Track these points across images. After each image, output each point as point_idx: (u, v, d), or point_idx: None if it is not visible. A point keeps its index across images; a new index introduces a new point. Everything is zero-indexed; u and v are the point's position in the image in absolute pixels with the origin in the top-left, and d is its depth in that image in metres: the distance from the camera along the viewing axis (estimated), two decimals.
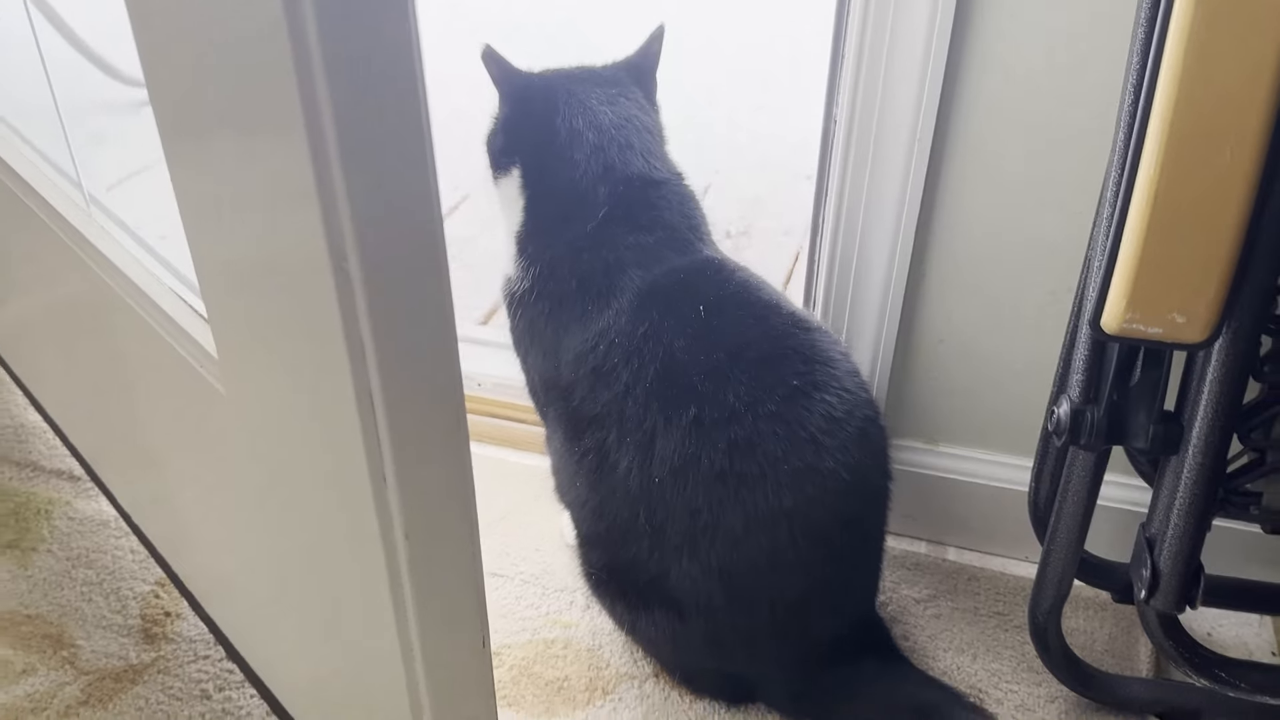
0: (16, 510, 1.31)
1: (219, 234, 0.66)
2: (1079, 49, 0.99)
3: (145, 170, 1.28)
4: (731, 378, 0.97)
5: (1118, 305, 0.78)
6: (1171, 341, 0.78)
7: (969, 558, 1.28)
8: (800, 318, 1.03)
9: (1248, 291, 0.77)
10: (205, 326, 0.76)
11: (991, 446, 1.23)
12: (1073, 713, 1.08)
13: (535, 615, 1.19)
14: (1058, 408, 0.90)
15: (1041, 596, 1.02)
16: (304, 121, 0.49)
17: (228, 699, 1.08)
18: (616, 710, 1.07)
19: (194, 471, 0.95)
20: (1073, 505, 0.96)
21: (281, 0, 0.46)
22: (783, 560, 0.97)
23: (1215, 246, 0.74)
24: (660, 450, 0.98)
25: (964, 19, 1.00)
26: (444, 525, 0.65)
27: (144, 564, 1.23)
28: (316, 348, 0.58)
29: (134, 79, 2.16)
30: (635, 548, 1.02)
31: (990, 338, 1.16)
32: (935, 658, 1.14)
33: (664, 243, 1.06)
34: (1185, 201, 0.73)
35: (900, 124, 1.05)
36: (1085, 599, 1.20)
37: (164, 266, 0.89)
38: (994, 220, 1.09)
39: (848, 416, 0.98)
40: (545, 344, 1.08)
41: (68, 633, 1.15)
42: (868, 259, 1.13)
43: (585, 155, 1.07)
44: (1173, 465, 0.88)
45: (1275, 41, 0.68)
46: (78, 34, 1.50)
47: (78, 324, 1.11)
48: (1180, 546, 0.89)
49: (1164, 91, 0.71)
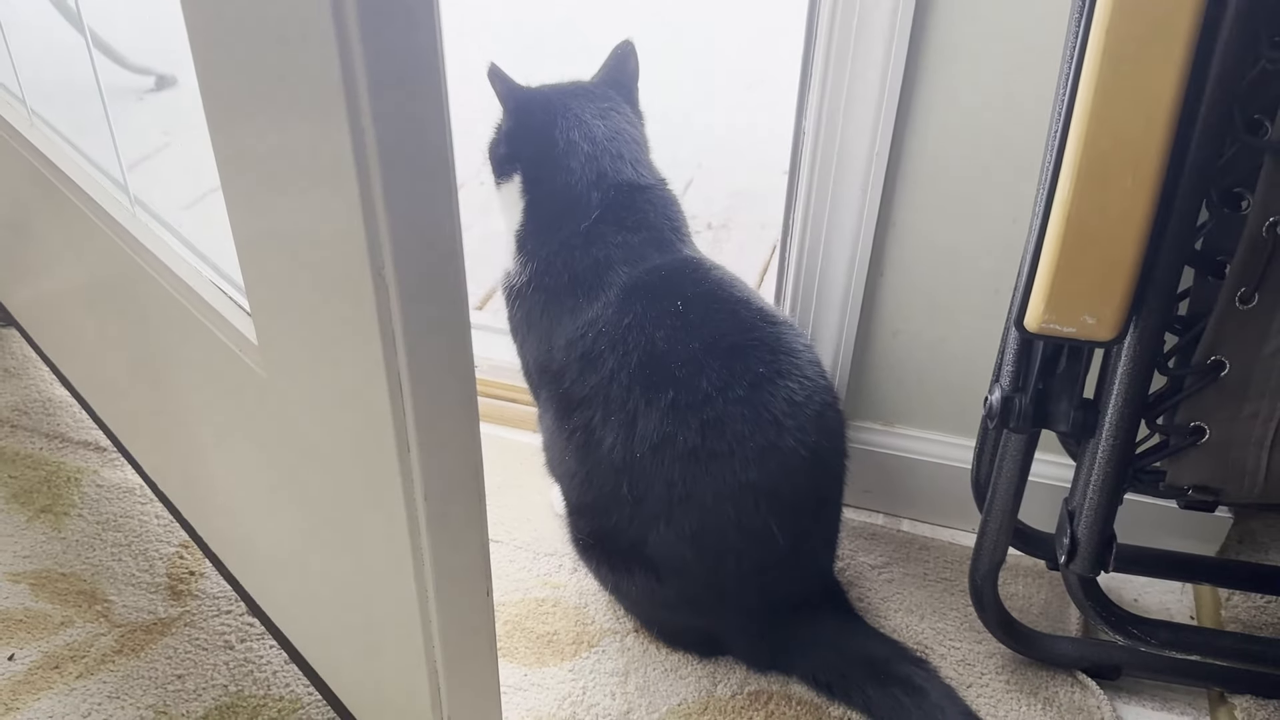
0: (48, 478, 1.42)
1: (263, 231, 0.76)
2: (1019, 81, 1.09)
3: (156, 154, 1.36)
4: (705, 365, 1.07)
5: (1037, 307, 0.89)
6: (1084, 339, 0.90)
7: (921, 529, 1.39)
8: (768, 313, 1.14)
9: (1151, 296, 0.88)
10: (245, 316, 0.87)
11: (941, 428, 1.34)
12: (1008, 668, 1.20)
13: (527, 576, 1.30)
14: (991, 395, 1.02)
15: (980, 561, 1.13)
16: (347, 118, 0.57)
17: (249, 649, 1.19)
18: (600, 661, 1.19)
19: (226, 444, 1.05)
20: (1006, 481, 1.07)
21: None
22: (748, 528, 1.08)
23: (1120, 258, 0.85)
24: (641, 429, 1.08)
25: (916, 53, 1.10)
26: (457, 488, 0.76)
27: (168, 528, 1.34)
28: (352, 334, 0.68)
29: (140, 67, 2.22)
30: (618, 515, 1.13)
31: (940, 330, 1.27)
32: (886, 617, 1.26)
33: (648, 242, 1.17)
34: (1094, 219, 0.84)
35: (860, 139, 1.15)
36: (1024, 567, 1.32)
37: (189, 248, 1.00)
38: (945, 225, 1.20)
39: (807, 401, 1.09)
40: (540, 332, 1.19)
41: (100, 589, 1.26)
42: (831, 259, 1.24)
43: (580, 164, 1.17)
44: (1090, 446, 0.99)
45: (1170, 81, 0.79)
46: (84, 20, 1.57)
47: (112, 307, 1.20)
48: (1096, 517, 1.01)
49: (1078, 125, 0.82)
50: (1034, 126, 1.10)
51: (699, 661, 1.20)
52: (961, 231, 1.20)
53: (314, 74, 0.59)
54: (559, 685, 1.16)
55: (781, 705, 1.14)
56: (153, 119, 2.09)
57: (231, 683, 1.15)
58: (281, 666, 1.17)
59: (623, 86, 1.27)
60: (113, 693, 1.13)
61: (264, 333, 0.83)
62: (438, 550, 0.77)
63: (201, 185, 1.31)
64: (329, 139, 0.60)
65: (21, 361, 1.65)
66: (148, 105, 2.19)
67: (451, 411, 0.73)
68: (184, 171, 1.52)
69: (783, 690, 1.16)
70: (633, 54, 1.28)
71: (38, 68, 1.33)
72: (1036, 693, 1.17)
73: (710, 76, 2.81)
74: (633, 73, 1.28)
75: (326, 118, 0.59)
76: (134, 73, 2.21)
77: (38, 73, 1.32)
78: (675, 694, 1.16)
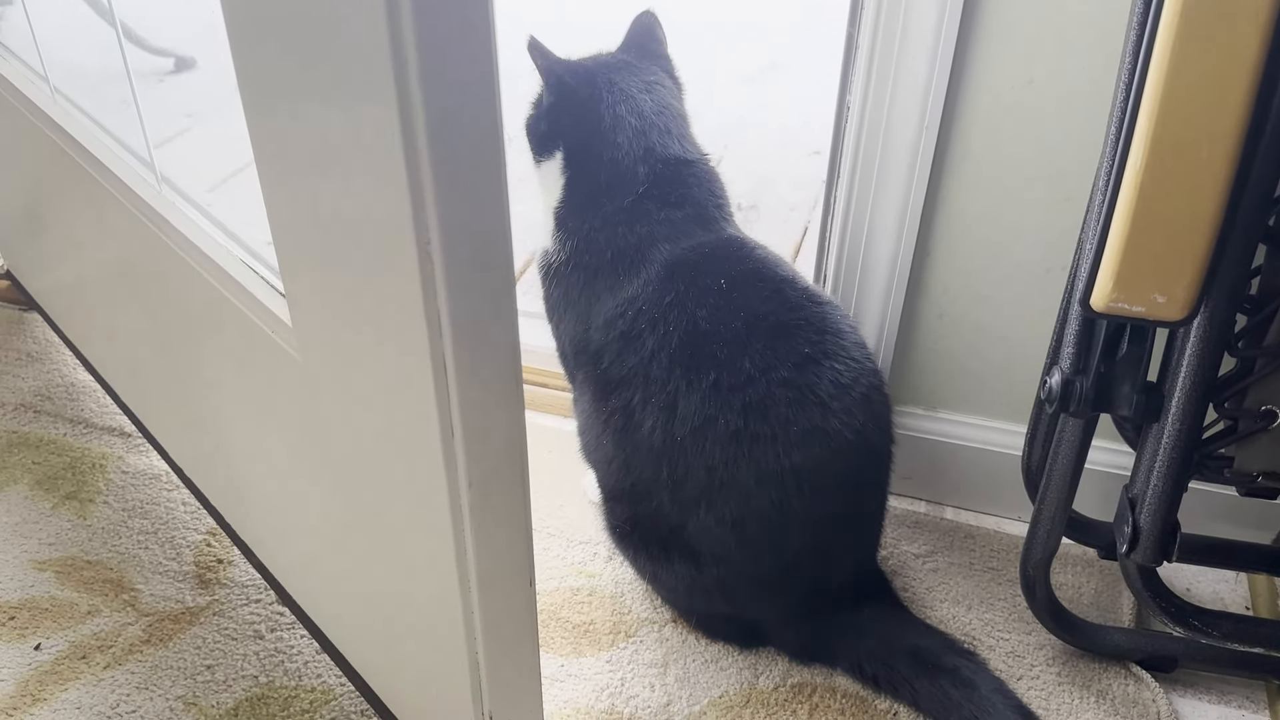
0: (73, 464, 1.40)
1: (301, 212, 0.73)
2: (1074, 54, 1.05)
3: (179, 136, 1.33)
4: (748, 346, 1.04)
5: (1105, 286, 0.85)
6: (1153, 319, 0.86)
7: (965, 517, 1.36)
8: (813, 293, 1.11)
9: (1223, 275, 0.84)
10: (278, 298, 0.84)
11: (988, 413, 1.31)
12: (1059, 660, 1.16)
13: (561, 565, 1.27)
14: (1050, 378, 0.98)
15: (1032, 550, 1.10)
16: (396, 94, 0.54)
17: (279, 639, 1.16)
18: (638, 651, 1.16)
19: (259, 429, 1.03)
20: (1062, 467, 1.04)
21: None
22: (791, 514, 1.05)
23: (1193, 234, 0.81)
24: (682, 411, 1.05)
25: (968, 27, 1.06)
26: (502, 474, 0.73)
27: (195, 515, 1.32)
28: (395, 314, 0.65)
29: (160, 49, 2.20)
30: (657, 501, 1.10)
31: (988, 312, 1.23)
32: (932, 608, 1.23)
33: (691, 219, 1.13)
34: (1166, 193, 0.80)
35: (909, 116, 1.12)
36: (1074, 556, 1.28)
37: (219, 228, 0.97)
38: (994, 204, 1.16)
39: (853, 383, 1.06)
40: (578, 311, 1.15)
41: (127, 578, 1.24)
42: (875, 239, 1.21)
43: (628, 138, 1.14)
44: (1154, 432, 0.95)
45: (1252, 47, 0.75)
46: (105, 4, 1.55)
47: (138, 288, 1.18)
48: (1159, 505, 0.97)
49: (1151, 94, 0.78)
50: (1091, 101, 1.06)
51: (739, 653, 1.17)
52: (1012, 210, 1.16)
53: (360, 48, 0.55)
54: (597, 676, 1.13)
55: (826, 698, 1.11)
56: (175, 101, 2.07)
57: (262, 673, 1.12)
58: (313, 657, 1.14)
59: (659, 57, 1.23)
60: (141, 683, 1.11)
61: (299, 314, 0.80)
62: (481, 539, 0.74)
63: (227, 167, 1.28)
64: (375, 111, 0.57)
65: (44, 346, 1.63)
66: (168, 87, 2.17)
67: (497, 394, 0.70)
68: (209, 153, 1.50)
69: (827, 683, 1.13)
70: (658, 23, 1.24)
71: (59, 48, 1.30)
72: (1089, 685, 1.13)
73: (732, 59, 2.77)
74: (663, 41, 1.24)
75: (372, 92, 0.56)
76: (153, 55, 2.19)
77: (60, 53, 1.30)
78: (716, 686, 1.12)
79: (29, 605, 1.20)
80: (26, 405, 1.50)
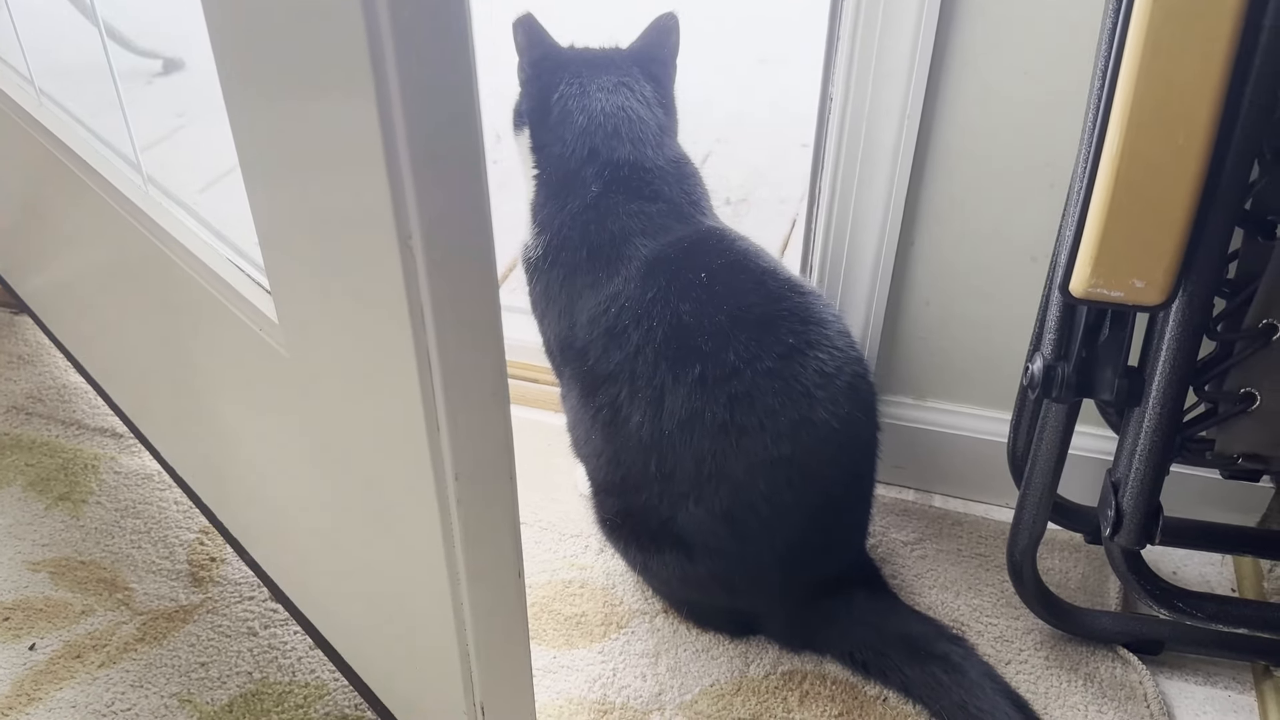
0: (65, 465, 1.40)
1: (284, 209, 0.74)
2: (1054, 42, 1.06)
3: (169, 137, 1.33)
4: (732, 338, 1.05)
5: (1084, 271, 0.86)
6: (1132, 304, 0.87)
7: (953, 504, 1.37)
8: (796, 283, 1.11)
9: (1200, 259, 0.85)
10: (265, 295, 0.84)
11: (974, 401, 1.31)
12: (1047, 644, 1.17)
13: (553, 558, 1.28)
14: (1032, 364, 0.99)
15: (1018, 536, 1.11)
16: (374, 87, 0.55)
17: (273, 635, 1.17)
18: (630, 642, 1.17)
19: (249, 427, 1.03)
20: (1046, 453, 1.05)
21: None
22: (780, 503, 1.05)
23: (1170, 219, 0.82)
24: (669, 405, 1.06)
25: (949, 14, 1.07)
26: (488, 467, 0.74)
27: (188, 514, 1.33)
28: (378, 309, 0.66)
29: (147, 50, 2.19)
30: (646, 494, 1.11)
31: (973, 300, 1.24)
32: (921, 594, 1.24)
33: (666, 213, 1.14)
34: (1143, 179, 0.81)
35: (891, 104, 1.12)
36: (1060, 541, 1.29)
37: (206, 227, 0.97)
38: (978, 191, 1.17)
39: (838, 372, 1.06)
40: (560, 307, 1.16)
41: (121, 577, 1.24)
42: (860, 228, 1.21)
43: (573, 136, 1.14)
44: (1135, 415, 0.96)
45: (1224, 31, 0.75)
46: (89, 4, 1.55)
47: (127, 290, 1.18)
48: (1142, 488, 0.98)
49: (1126, 79, 0.79)
50: (1071, 87, 1.07)
51: (730, 642, 1.17)
52: (996, 197, 1.16)
53: (338, 44, 0.56)
54: (589, 667, 1.14)
55: (816, 685, 1.12)
56: (163, 102, 2.07)
57: (256, 669, 1.13)
58: (306, 652, 1.15)
59: (655, 61, 1.22)
60: (136, 681, 1.12)
61: (285, 311, 0.81)
62: (469, 531, 0.74)
63: (218, 167, 1.28)
64: (354, 108, 0.57)
65: (35, 348, 1.63)
66: (157, 89, 2.16)
67: (482, 388, 0.70)
68: (200, 154, 1.50)
69: (817, 670, 1.14)
70: (675, 29, 1.23)
71: (44, 51, 1.30)
72: (1077, 669, 1.14)
73: (727, 53, 2.78)
74: (672, 48, 1.23)
75: (351, 88, 0.57)
76: (141, 56, 2.19)
77: (45, 55, 1.30)
78: (707, 675, 1.13)
79: (23, 605, 1.20)
80: (18, 408, 1.50)
